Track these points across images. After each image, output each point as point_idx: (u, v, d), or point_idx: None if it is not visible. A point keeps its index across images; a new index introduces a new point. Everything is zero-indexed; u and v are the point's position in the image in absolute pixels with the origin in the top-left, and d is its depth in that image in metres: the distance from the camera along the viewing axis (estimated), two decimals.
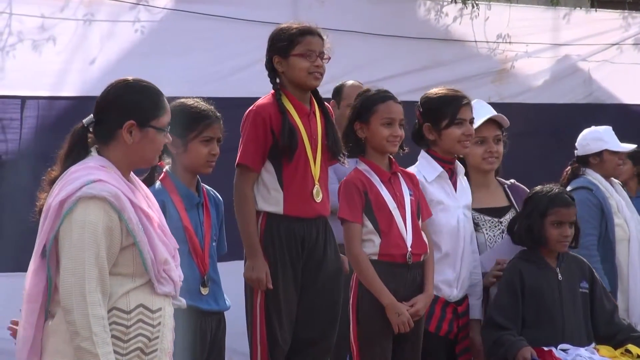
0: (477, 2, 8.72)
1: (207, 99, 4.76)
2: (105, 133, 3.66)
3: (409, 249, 4.87)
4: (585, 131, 6.66)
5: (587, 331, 5.17)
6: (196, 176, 4.67)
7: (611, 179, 6.63)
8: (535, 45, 9.08)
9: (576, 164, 6.60)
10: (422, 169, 5.16)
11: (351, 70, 7.46)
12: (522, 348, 4.95)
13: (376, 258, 4.85)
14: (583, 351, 5.02)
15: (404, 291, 4.86)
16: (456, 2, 8.65)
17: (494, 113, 5.50)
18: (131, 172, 3.73)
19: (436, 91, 5.24)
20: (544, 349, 4.99)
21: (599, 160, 6.54)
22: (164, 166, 4.65)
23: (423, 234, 4.96)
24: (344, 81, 6.65)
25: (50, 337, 3.53)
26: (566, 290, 5.17)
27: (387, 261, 4.85)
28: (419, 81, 7.92)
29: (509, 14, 8.95)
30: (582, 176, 6.53)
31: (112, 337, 3.47)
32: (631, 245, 6.50)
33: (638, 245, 6.51)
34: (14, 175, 6.69)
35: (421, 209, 5.00)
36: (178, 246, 3.78)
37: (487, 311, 5.17)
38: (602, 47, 9.37)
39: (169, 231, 3.74)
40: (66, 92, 6.98)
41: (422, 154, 5.22)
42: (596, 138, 6.56)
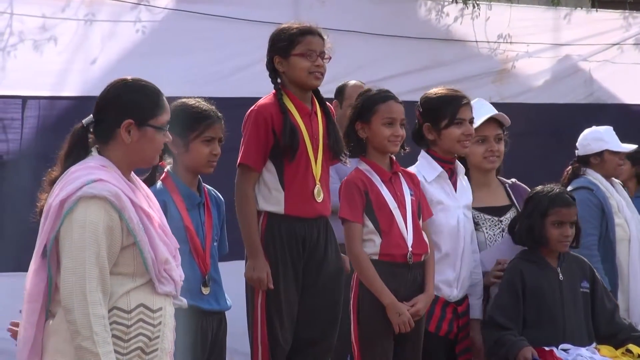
0: (477, 2, 8.71)
1: (208, 99, 4.75)
2: (104, 133, 3.66)
3: (410, 248, 4.87)
4: (586, 131, 6.66)
5: (588, 331, 5.16)
6: (197, 176, 4.67)
7: (612, 179, 6.63)
8: (536, 45, 9.07)
9: (577, 164, 6.59)
10: (422, 169, 5.15)
11: (352, 70, 7.46)
12: (523, 348, 4.95)
13: (377, 258, 4.85)
14: (584, 351, 5.02)
15: (404, 291, 4.86)
16: (457, 2, 8.64)
17: (495, 112, 5.50)
18: (132, 172, 3.73)
19: (436, 91, 5.24)
20: (545, 348, 4.99)
21: (599, 160, 6.54)
22: (165, 166, 4.65)
23: (424, 233, 4.96)
24: (347, 81, 6.64)
25: (51, 337, 3.53)
26: (567, 290, 5.17)
27: (388, 261, 4.85)
28: (420, 81, 7.90)
29: (509, 14, 8.94)
30: (583, 176, 6.53)
31: (112, 336, 3.47)
32: (631, 245, 6.50)
33: (638, 245, 6.51)
34: (15, 175, 6.69)
35: (422, 209, 5.00)
36: (179, 246, 3.78)
37: (488, 311, 5.17)
38: (603, 47, 9.36)
39: (169, 231, 3.74)
40: (67, 92, 6.98)
41: (422, 154, 5.22)
42: (597, 138, 6.56)
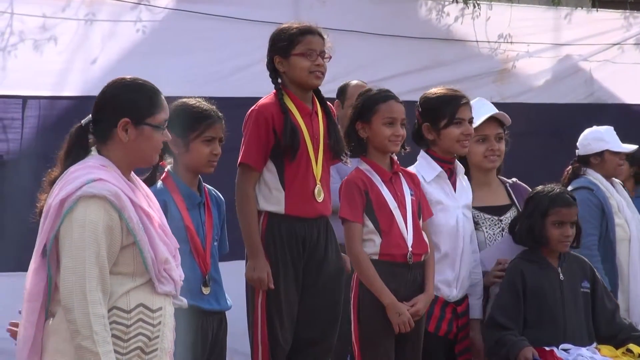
0: (478, 2, 8.71)
1: (208, 99, 4.75)
2: (102, 132, 3.66)
3: (410, 248, 4.87)
4: (587, 131, 6.66)
5: (589, 331, 5.16)
6: (198, 176, 4.67)
7: (612, 179, 6.63)
8: (537, 45, 9.07)
9: (577, 164, 6.59)
10: (421, 169, 5.15)
11: (352, 70, 7.46)
12: (523, 348, 4.95)
13: (377, 258, 4.85)
14: (584, 351, 5.02)
15: (404, 291, 4.86)
16: (457, 2, 8.64)
17: (496, 111, 5.49)
18: (132, 172, 3.73)
19: (435, 91, 5.24)
20: (546, 348, 4.98)
21: (599, 160, 6.54)
22: (166, 166, 4.65)
23: (424, 234, 4.96)
24: (349, 81, 6.64)
25: (50, 336, 3.53)
26: (568, 290, 5.17)
27: (388, 261, 4.85)
28: (420, 81, 7.90)
29: (510, 13, 8.94)
30: (583, 176, 6.52)
31: (112, 336, 3.47)
32: (632, 245, 6.49)
33: (638, 245, 6.50)
34: (15, 175, 6.69)
35: (422, 209, 5.00)
36: (179, 246, 3.78)
37: (488, 311, 5.17)
38: (604, 47, 9.36)
39: (169, 230, 3.74)
40: (67, 91, 6.98)
41: (421, 154, 5.21)
42: (597, 138, 6.56)
